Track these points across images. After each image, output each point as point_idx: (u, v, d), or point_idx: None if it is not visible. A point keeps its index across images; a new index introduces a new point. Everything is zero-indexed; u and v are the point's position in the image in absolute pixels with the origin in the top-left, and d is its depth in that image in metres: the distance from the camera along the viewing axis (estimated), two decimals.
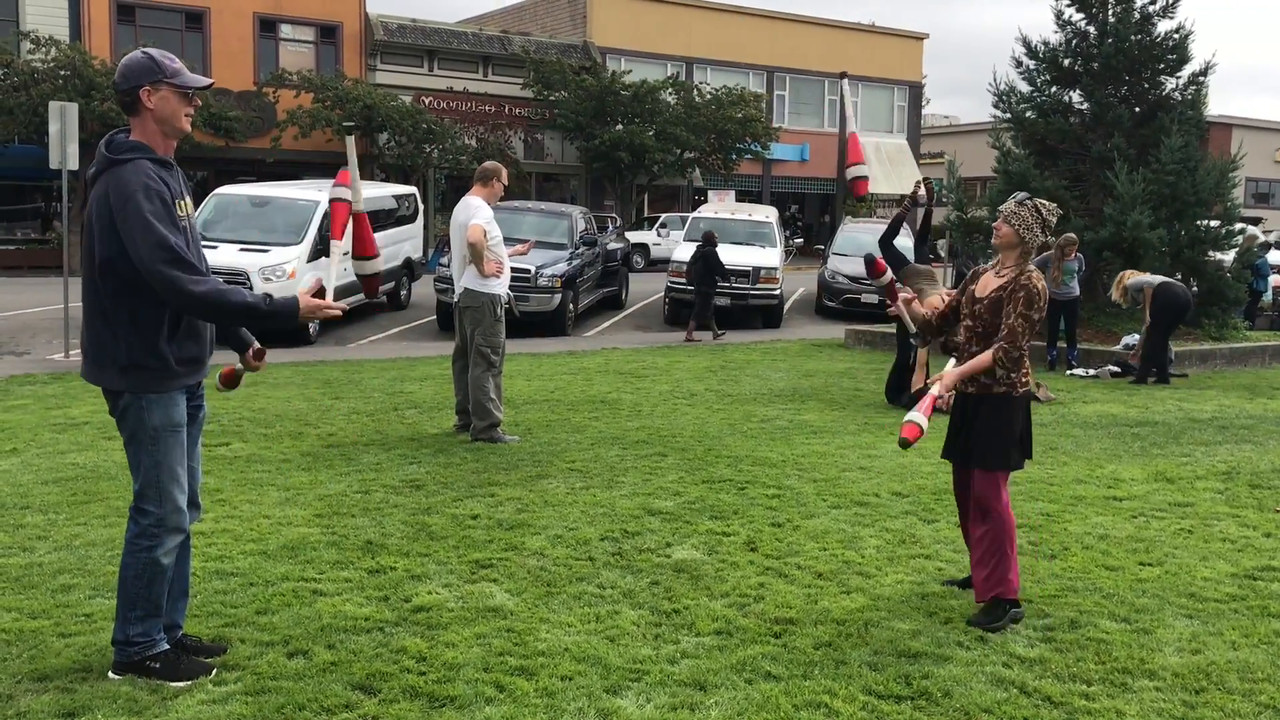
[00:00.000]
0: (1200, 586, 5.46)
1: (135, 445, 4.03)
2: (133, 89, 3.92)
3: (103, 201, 3.86)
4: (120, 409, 4.02)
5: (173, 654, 4.11)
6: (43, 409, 9.70)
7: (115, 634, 4.09)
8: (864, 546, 6.00)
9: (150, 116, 3.95)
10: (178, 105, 3.97)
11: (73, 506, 6.42)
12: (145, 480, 4.03)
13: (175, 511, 4.07)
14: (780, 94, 42.77)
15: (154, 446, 4.01)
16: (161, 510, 4.03)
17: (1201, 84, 16.49)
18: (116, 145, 3.94)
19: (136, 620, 4.04)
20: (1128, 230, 14.96)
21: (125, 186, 3.83)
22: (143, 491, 4.04)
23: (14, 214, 30.29)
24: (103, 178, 3.90)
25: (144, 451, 4.01)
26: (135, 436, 4.01)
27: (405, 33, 34.81)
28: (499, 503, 6.71)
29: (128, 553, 4.06)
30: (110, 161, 3.90)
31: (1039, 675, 4.35)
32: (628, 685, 4.14)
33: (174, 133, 4.02)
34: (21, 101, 26.09)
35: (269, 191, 17.94)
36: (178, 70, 3.98)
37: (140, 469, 4.03)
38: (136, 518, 4.06)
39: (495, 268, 8.55)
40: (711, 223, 21.61)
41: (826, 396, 11.33)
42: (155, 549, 4.03)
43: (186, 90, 3.99)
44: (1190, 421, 10.26)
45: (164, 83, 3.93)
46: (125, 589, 4.05)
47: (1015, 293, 4.93)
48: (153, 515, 4.03)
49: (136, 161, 3.89)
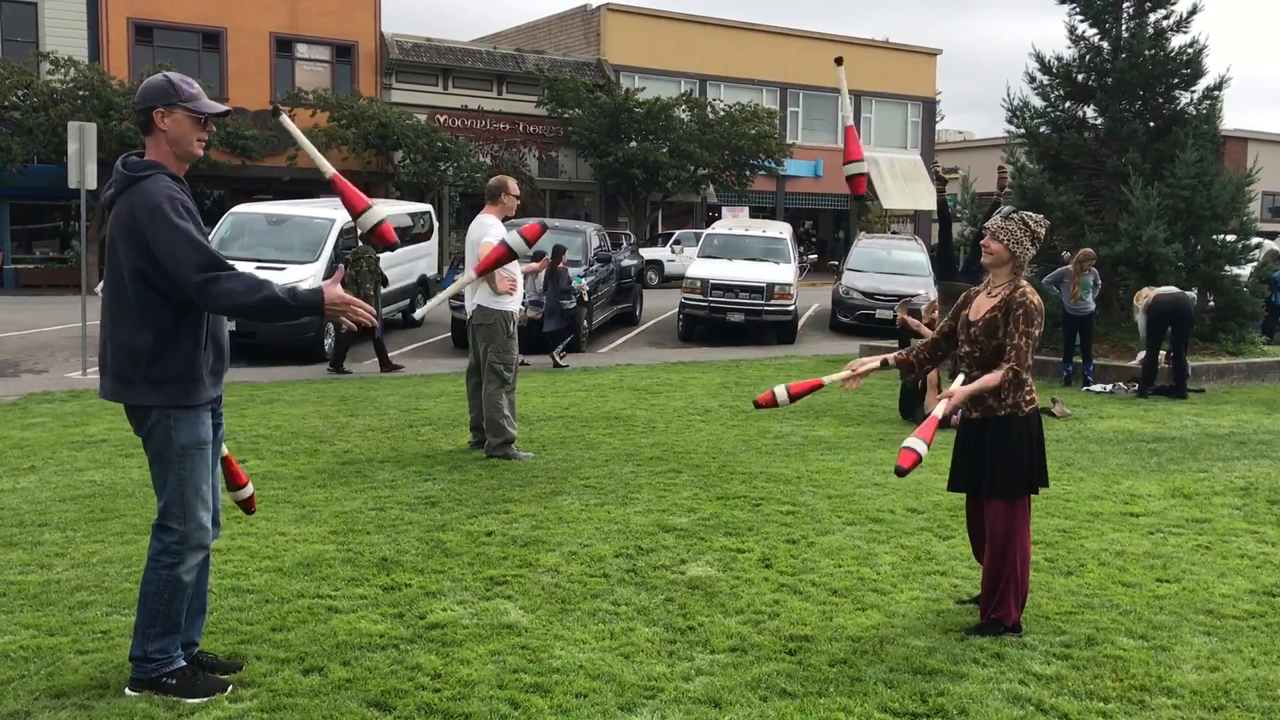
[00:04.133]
0: (1218, 603, 5.43)
1: (161, 463, 4.05)
2: (147, 109, 4.00)
3: (127, 216, 3.90)
4: (148, 427, 4.03)
5: (189, 671, 4.12)
6: (61, 426, 9.75)
7: (133, 650, 4.11)
8: (879, 563, 5.98)
9: (164, 138, 4.01)
10: (190, 129, 4.03)
11: (90, 524, 6.46)
12: (170, 498, 4.05)
13: (199, 529, 4.09)
14: (794, 110, 42.83)
15: (180, 464, 4.03)
16: (185, 528, 4.06)
17: (1216, 98, 16.43)
18: (133, 164, 3.99)
19: (155, 637, 4.05)
20: (1143, 245, 14.91)
21: (150, 199, 3.88)
22: (167, 509, 4.06)
23: (33, 233, 30.56)
24: (124, 195, 3.94)
25: (170, 469, 4.04)
26: (162, 454, 4.04)
27: (420, 51, 35.01)
28: (513, 519, 6.71)
29: (149, 569, 4.08)
30: (130, 179, 3.95)
31: (1056, 692, 4.33)
32: (642, 702, 4.13)
33: (186, 156, 4.07)
34: (41, 122, 26.33)
35: (285, 210, 18.05)
36: (194, 95, 4.04)
37: (166, 487, 4.05)
38: (160, 535, 4.08)
39: (508, 285, 8.58)
40: (725, 239, 21.66)
41: (841, 413, 11.31)
42: (177, 566, 4.05)
43: (200, 116, 4.04)
44: (1207, 437, 10.20)
45: (178, 106, 4.00)
46: (145, 605, 4.07)
47: (1014, 310, 4.81)
48: (177, 533, 4.06)
49: (156, 176, 3.95)
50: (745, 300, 19.21)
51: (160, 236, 3.86)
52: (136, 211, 3.88)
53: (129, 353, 3.98)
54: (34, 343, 16.90)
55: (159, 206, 3.86)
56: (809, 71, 42.46)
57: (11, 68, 27.01)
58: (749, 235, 22.08)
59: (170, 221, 3.85)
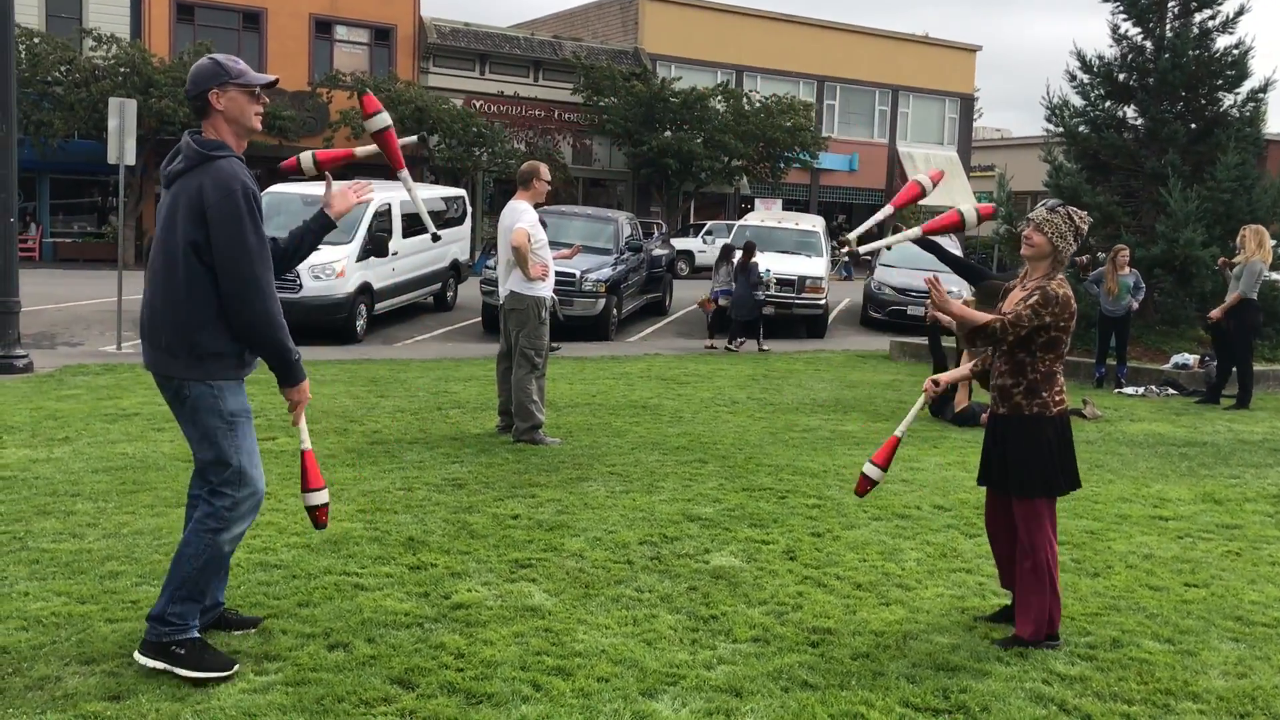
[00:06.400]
0: (1248, 610, 5.37)
1: (215, 434, 4.06)
2: (202, 93, 4.03)
3: (195, 192, 3.93)
4: (191, 399, 4.05)
5: (199, 643, 4.08)
6: (94, 399, 9.87)
7: (154, 609, 4.10)
8: (904, 559, 5.96)
9: (221, 118, 4.04)
10: (246, 104, 4.07)
11: (122, 495, 6.53)
12: (231, 465, 4.07)
13: (252, 495, 4.14)
14: (830, 103, 42.65)
15: (232, 431, 4.08)
16: (240, 493, 4.10)
17: (1261, 101, 16.23)
18: (205, 142, 4.01)
19: (179, 600, 4.06)
20: (1180, 248, 14.75)
21: (227, 181, 3.92)
22: (225, 477, 4.08)
23: (72, 208, 30.89)
24: (196, 170, 3.96)
25: (224, 438, 4.07)
26: (213, 425, 4.06)
27: (458, 36, 35.10)
28: (539, 504, 6.74)
29: (192, 531, 4.10)
30: (204, 156, 3.97)
31: (1079, 693, 4.30)
32: (664, 689, 4.14)
33: (245, 132, 4.11)
34: (82, 97, 26.62)
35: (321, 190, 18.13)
36: (242, 71, 4.08)
37: (224, 455, 4.07)
38: (211, 499, 4.09)
39: (540, 270, 8.60)
40: (758, 231, 21.59)
41: (870, 408, 11.27)
42: (223, 532, 4.09)
43: (253, 88, 4.08)
44: (1240, 443, 10.10)
45: (230, 84, 4.03)
46: (179, 566, 4.08)
47: (1033, 294, 4.68)
48: (230, 498, 4.09)
49: (230, 159, 4.00)
50: (776, 293, 19.15)
51: (225, 223, 3.90)
52: (207, 189, 3.91)
53: (175, 326, 4.01)
54: (70, 316, 17.10)
55: (233, 193, 3.91)
56: (846, 64, 42.27)
57: (55, 43, 27.31)
58: (781, 228, 22.02)
59: (239, 213, 3.90)
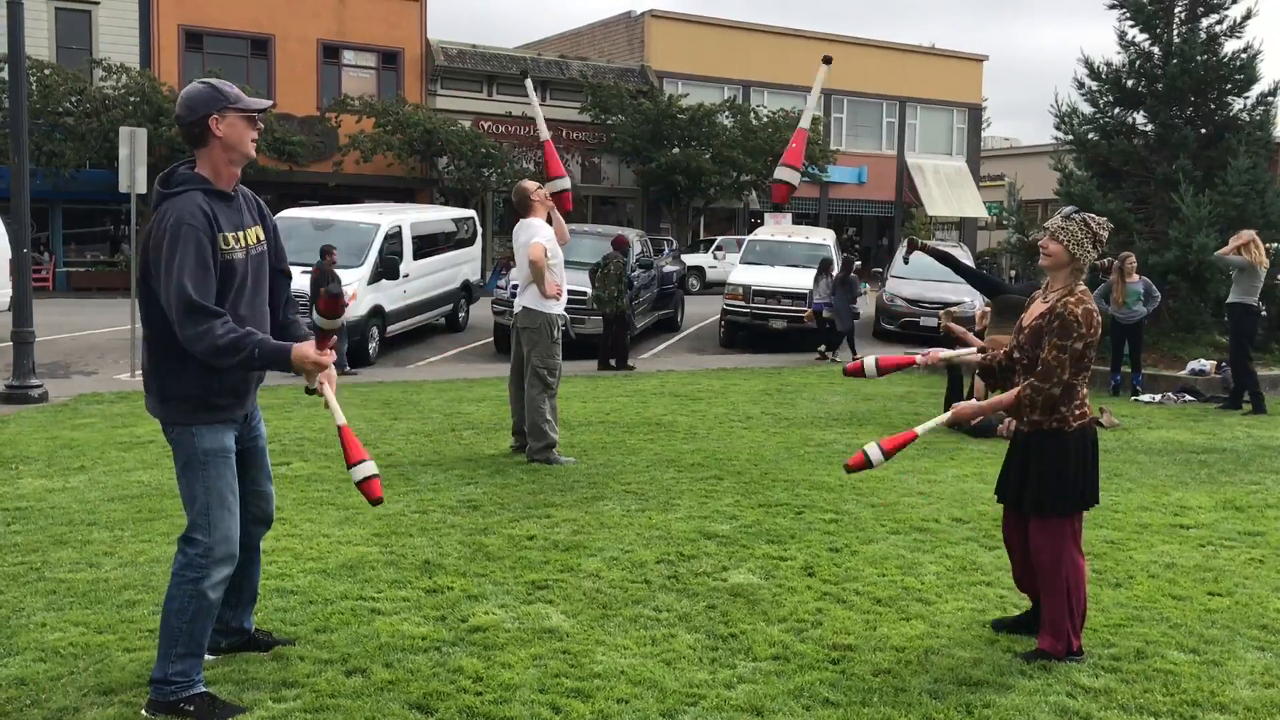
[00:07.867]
0: (1273, 618, 5.31)
1: (189, 473, 4.02)
2: (201, 119, 3.96)
3: (147, 233, 3.95)
4: (172, 438, 4.06)
5: (207, 698, 3.98)
6: (109, 427, 9.89)
7: (154, 672, 3.99)
8: (924, 573, 5.92)
9: (219, 144, 4.00)
10: (244, 129, 4.03)
11: (138, 523, 6.54)
12: (197, 508, 4.01)
13: (224, 541, 4.01)
14: (838, 116, 42.65)
15: (205, 471, 4.00)
16: (210, 539, 3.99)
17: (1271, 104, 16.20)
18: (171, 178, 3.99)
19: (177, 658, 3.95)
20: (1193, 253, 14.69)
21: (171, 215, 3.87)
22: (194, 520, 4.01)
23: (84, 236, 31.06)
24: (156, 210, 3.97)
25: (196, 478, 4.01)
26: (188, 463, 4.02)
27: (465, 58, 35.24)
28: (555, 524, 6.72)
29: (173, 585, 4.00)
30: (162, 195, 3.96)
31: (1104, 706, 4.25)
32: (684, 709, 4.11)
33: (241, 159, 4.06)
34: (93, 127, 26.82)
35: (331, 215, 18.22)
36: (239, 95, 4.06)
37: (193, 498, 4.01)
38: (184, 548, 4.01)
39: (556, 289, 8.60)
40: (768, 245, 21.59)
41: (885, 420, 11.22)
42: (202, 580, 3.97)
43: (251, 114, 4.06)
44: (1260, 449, 10.02)
45: (229, 109, 3.99)
46: (168, 624, 3.98)
47: (1052, 321, 4.55)
48: (201, 545, 3.98)
49: (188, 194, 3.92)
50: (787, 307, 19.14)
51: (156, 250, 3.87)
52: (154, 229, 3.91)
53: (151, 370, 4.07)
54: (84, 344, 17.17)
55: (173, 225, 3.84)
56: (854, 78, 42.21)
57: (66, 74, 27.52)
58: (791, 241, 22.01)
59: (173, 240, 3.82)
